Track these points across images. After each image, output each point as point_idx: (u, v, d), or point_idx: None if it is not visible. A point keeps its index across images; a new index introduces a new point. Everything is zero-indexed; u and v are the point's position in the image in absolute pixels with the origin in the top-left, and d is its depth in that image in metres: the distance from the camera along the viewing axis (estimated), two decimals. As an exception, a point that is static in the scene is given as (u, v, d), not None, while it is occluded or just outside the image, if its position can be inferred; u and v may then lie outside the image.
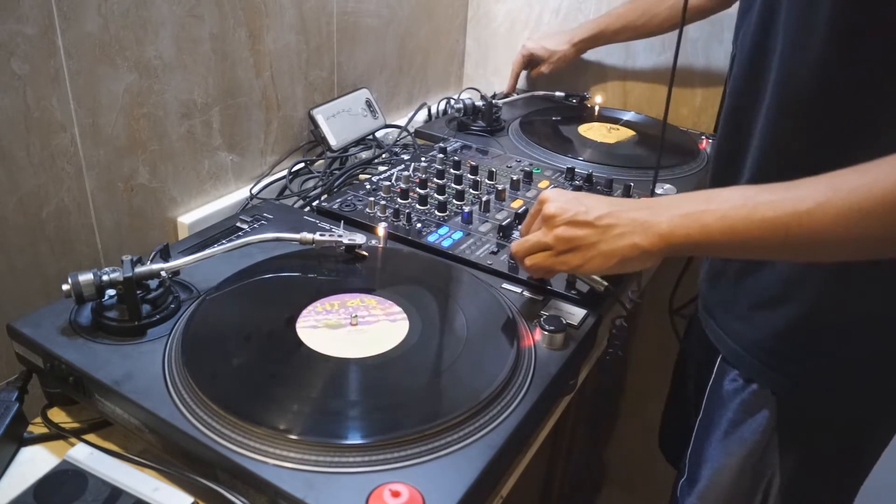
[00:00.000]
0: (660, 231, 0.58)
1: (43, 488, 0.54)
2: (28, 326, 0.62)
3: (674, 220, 0.58)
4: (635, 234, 0.60)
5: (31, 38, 0.68)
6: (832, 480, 0.74)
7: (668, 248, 0.58)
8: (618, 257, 0.61)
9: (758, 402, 0.70)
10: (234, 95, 0.94)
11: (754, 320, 0.70)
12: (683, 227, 0.57)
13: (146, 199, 0.86)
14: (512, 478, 0.62)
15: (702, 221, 0.56)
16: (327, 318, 0.65)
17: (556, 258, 0.65)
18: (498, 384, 0.58)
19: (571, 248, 0.63)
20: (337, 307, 0.67)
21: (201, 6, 0.85)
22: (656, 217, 0.59)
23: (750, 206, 0.54)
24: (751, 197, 0.55)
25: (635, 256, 0.60)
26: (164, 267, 0.64)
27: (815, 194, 0.51)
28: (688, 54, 1.27)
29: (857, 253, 0.53)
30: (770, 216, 0.53)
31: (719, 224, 0.55)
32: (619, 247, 0.61)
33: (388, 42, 1.24)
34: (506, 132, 1.20)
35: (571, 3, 1.35)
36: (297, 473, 0.49)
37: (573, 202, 0.64)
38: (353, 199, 0.90)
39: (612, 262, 0.61)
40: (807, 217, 0.51)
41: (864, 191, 0.49)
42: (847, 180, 0.50)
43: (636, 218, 0.60)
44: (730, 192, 0.57)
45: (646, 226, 0.59)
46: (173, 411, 0.54)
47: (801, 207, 0.51)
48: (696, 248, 0.58)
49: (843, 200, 0.50)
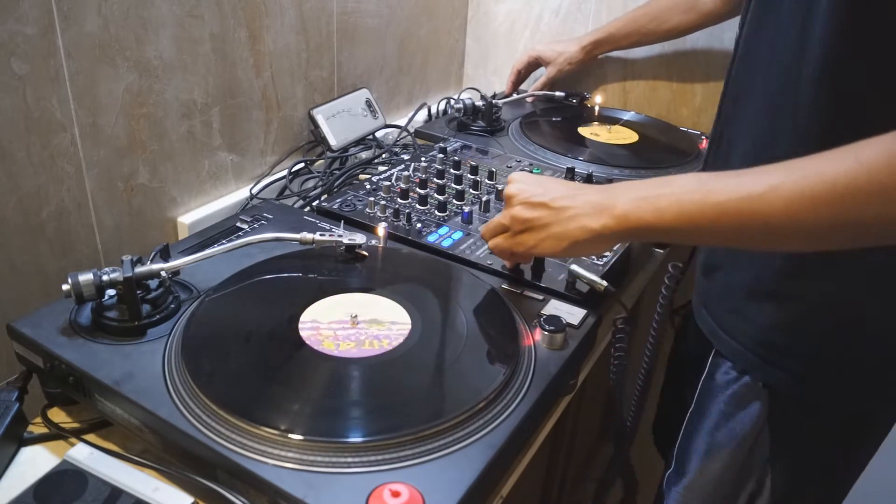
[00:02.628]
0: (614, 213, 0.58)
1: (43, 488, 0.54)
2: (28, 326, 0.62)
3: (629, 202, 0.57)
4: (588, 217, 0.59)
5: (31, 38, 0.68)
6: (824, 475, 0.74)
7: (623, 231, 0.58)
8: (569, 239, 0.61)
9: (749, 395, 0.71)
10: (234, 95, 0.94)
11: (748, 313, 0.70)
12: (638, 210, 0.56)
13: (146, 199, 0.86)
14: (512, 478, 0.62)
15: (656, 205, 0.55)
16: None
17: (512, 239, 0.66)
18: (498, 384, 0.58)
19: (526, 228, 0.64)
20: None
21: (201, 6, 0.85)
22: (612, 200, 0.58)
23: (704, 190, 0.53)
24: (706, 181, 0.54)
25: (588, 239, 0.60)
26: (164, 267, 0.64)
27: (768, 179, 0.50)
28: (688, 54, 1.27)
29: (810, 242, 0.52)
30: (722, 200, 0.52)
31: (674, 208, 0.54)
32: (570, 228, 0.60)
33: (388, 42, 1.24)
34: (506, 132, 1.20)
35: (571, 3, 1.35)
36: (297, 473, 0.49)
37: (533, 184, 0.64)
38: (353, 199, 0.90)
39: (565, 244, 0.61)
40: (758, 201, 0.50)
41: (815, 177, 0.48)
42: (802, 166, 0.50)
43: (591, 200, 0.60)
44: (688, 178, 0.56)
45: (600, 208, 0.59)
46: (173, 411, 0.54)
47: (754, 192, 0.50)
48: (651, 233, 0.57)
49: (795, 185, 0.49)
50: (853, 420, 0.71)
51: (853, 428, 0.71)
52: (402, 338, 0.63)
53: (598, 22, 1.32)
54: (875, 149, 0.47)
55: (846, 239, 0.50)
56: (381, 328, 0.64)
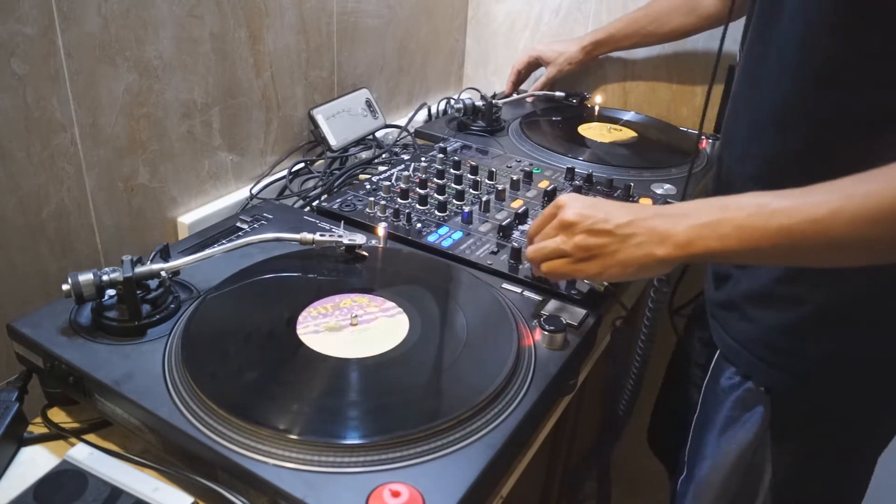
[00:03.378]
0: (677, 241, 0.58)
1: (43, 488, 0.54)
2: (28, 326, 0.62)
3: (691, 230, 0.58)
4: (653, 244, 0.60)
5: (31, 38, 0.68)
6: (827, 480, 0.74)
7: (686, 257, 0.59)
8: (635, 266, 0.61)
9: (753, 400, 0.71)
10: (234, 95, 0.94)
11: (753, 316, 0.70)
12: (702, 238, 0.57)
13: (146, 199, 0.86)
14: (512, 478, 0.62)
15: (719, 232, 0.56)
16: (327, 319, 0.65)
17: (574, 265, 0.64)
18: (498, 384, 0.58)
19: (590, 256, 0.63)
20: (337, 307, 0.67)
21: (201, 6, 0.85)
22: (675, 227, 0.59)
23: (766, 213, 0.54)
24: (766, 205, 0.55)
25: (653, 265, 0.60)
26: (164, 267, 0.64)
27: (829, 201, 0.52)
28: (688, 55, 1.27)
29: (871, 257, 0.54)
30: (786, 224, 0.53)
31: (737, 233, 0.55)
32: (637, 256, 0.61)
33: (388, 42, 1.24)
34: (506, 132, 1.20)
35: (571, 3, 1.35)
36: (297, 473, 0.49)
37: (591, 209, 0.63)
38: (353, 199, 0.90)
39: (630, 271, 0.62)
40: (822, 224, 0.52)
41: (876, 196, 0.50)
42: (859, 186, 0.51)
43: (655, 227, 0.60)
44: (746, 200, 0.57)
45: (664, 236, 0.59)
46: (173, 411, 0.54)
47: (817, 214, 0.52)
48: (713, 257, 0.58)
49: (857, 206, 0.51)
50: (857, 423, 0.71)
51: (857, 431, 0.71)
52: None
53: (598, 22, 1.32)
54: None
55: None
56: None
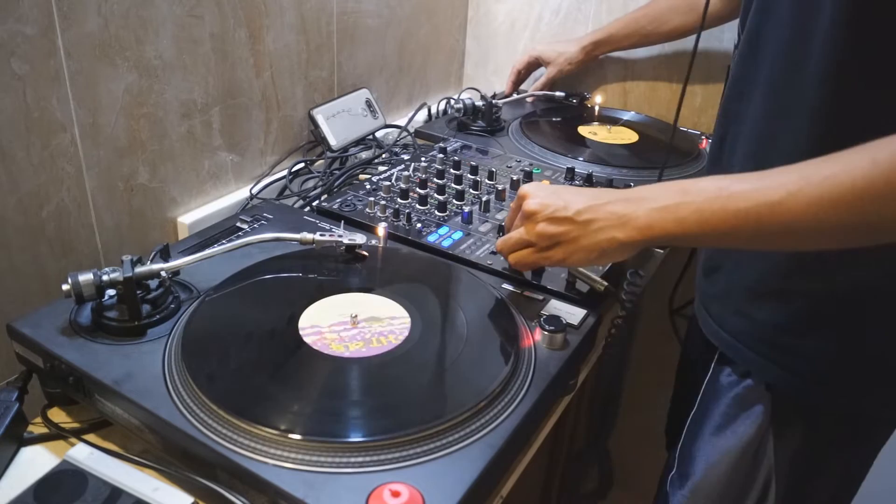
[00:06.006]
0: (637, 225, 0.60)
1: (43, 488, 0.54)
2: (28, 326, 0.62)
3: (651, 213, 0.59)
4: (614, 228, 0.61)
5: (31, 38, 0.68)
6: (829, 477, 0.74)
7: (646, 240, 0.60)
8: (598, 250, 0.63)
9: (752, 397, 0.70)
10: (234, 95, 0.94)
11: (751, 312, 0.70)
12: (661, 221, 0.58)
13: (146, 199, 0.86)
14: (512, 478, 0.62)
15: (678, 214, 0.57)
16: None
17: (539, 254, 0.67)
18: (498, 384, 0.58)
19: (553, 243, 0.65)
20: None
21: (201, 6, 0.85)
22: (635, 211, 0.60)
23: (724, 196, 0.55)
24: (724, 188, 0.55)
25: (615, 248, 0.62)
26: (164, 267, 0.64)
27: (787, 184, 0.52)
28: (688, 54, 1.27)
29: (830, 242, 0.54)
30: (743, 207, 0.53)
31: (695, 217, 0.56)
32: (598, 240, 0.62)
33: (388, 42, 1.24)
34: (506, 132, 1.20)
35: (571, 3, 1.35)
36: (297, 473, 0.49)
37: (552, 197, 0.65)
38: (353, 199, 0.90)
39: (594, 255, 0.63)
40: (778, 207, 0.52)
41: (834, 180, 0.49)
42: (819, 169, 0.51)
43: (614, 211, 0.61)
44: (705, 183, 0.57)
45: (624, 219, 0.61)
46: (173, 411, 0.54)
47: (774, 197, 0.52)
48: (673, 240, 0.59)
49: (814, 189, 0.50)
50: (856, 420, 0.71)
51: (857, 428, 0.71)
52: (402, 338, 0.63)
53: (598, 22, 1.32)
54: (891, 150, 0.48)
55: (866, 238, 0.52)
56: (381, 328, 0.64)
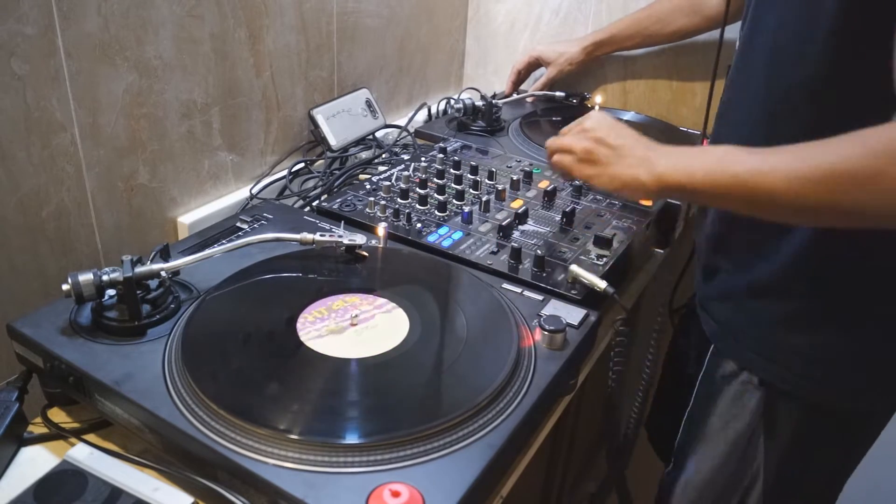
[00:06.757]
0: (657, 171, 0.66)
1: (43, 488, 0.54)
2: (28, 326, 0.62)
3: (670, 165, 0.65)
4: (640, 168, 0.67)
5: (31, 38, 0.68)
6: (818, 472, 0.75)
7: (662, 187, 0.66)
8: (620, 182, 0.69)
9: (747, 393, 0.71)
10: (234, 95, 0.94)
11: (748, 311, 0.70)
12: (676, 173, 0.64)
13: (146, 199, 0.86)
14: (512, 478, 0.62)
15: (689, 171, 0.63)
16: (327, 319, 0.65)
17: (575, 164, 0.74)
18: (498, 384, 0.58)
19: (589, 160, 0.72)
20: (337, 307, 0.67)
21: (201, 6, 0.85)
22: (659, 159, 0.66)
23: (727, 161, 0.60)
24: (730, 152, 0.61)
25: (636, 187, 0.68)
26: (164, 267, 0.64)
27: (779, 158, 0.56)
28: (688, 55, 1.27)
29: (811, 219, 0.60)
30: (739, 171, 0.58)
31: (701, 174, 0.62)
32: (625, 174, 0.69)
33: (388, 42, 1.24)
34: (506, 132, 1.20)
35: (571, 3, 1.35)
36: (297, 473, 0.49)
37: (607, 126, 0.73)
38: (353, 199, 0.90)
39: (616, 185, 0.70)
40: (762, 176, 0.56)
41: (817, 160, 0.53)
42: (811, 149, 0.54)
43: (645, 155, 0.68)
44: (719, 150, 0.63)
45: (649, 164, 0.67)
46: (173, 411, 0.54)
47: (764, 167, 0.56)
48: (684, 193, 0.65)
49: (798, 165, 0.54)
50: (849, 417, 0.71)
51: (849, 425, 0.72)
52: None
53: (599, 22, 1.32)
54: (883, 135, 0.50)
55: (846, 219, 0.55)
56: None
